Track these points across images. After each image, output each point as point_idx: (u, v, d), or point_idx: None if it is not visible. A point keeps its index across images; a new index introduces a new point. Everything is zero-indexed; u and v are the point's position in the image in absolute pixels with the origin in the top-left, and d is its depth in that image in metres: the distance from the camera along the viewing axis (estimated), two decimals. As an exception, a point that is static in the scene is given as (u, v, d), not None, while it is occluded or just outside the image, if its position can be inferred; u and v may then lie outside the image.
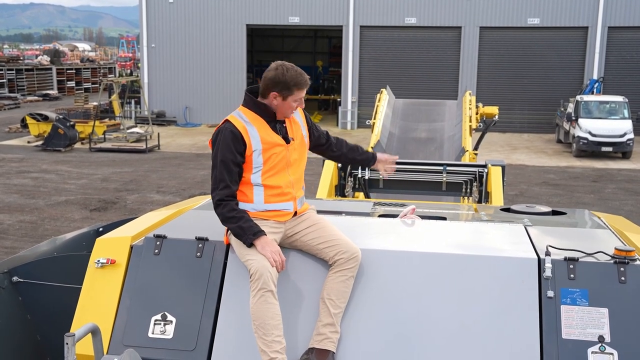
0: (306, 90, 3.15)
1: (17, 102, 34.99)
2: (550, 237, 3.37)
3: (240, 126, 3.07)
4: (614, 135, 19.23)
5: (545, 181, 15.76)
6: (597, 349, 2.76)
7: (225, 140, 3.04)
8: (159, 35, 27.28)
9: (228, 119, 3.12)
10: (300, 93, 3.11)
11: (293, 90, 3.08)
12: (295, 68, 3.12)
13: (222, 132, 3.07)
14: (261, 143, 3.08)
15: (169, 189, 14.05)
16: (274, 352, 2.81)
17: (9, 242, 9.66)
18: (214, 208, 3.10)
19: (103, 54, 75.17)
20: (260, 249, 2.97)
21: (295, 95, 3.10)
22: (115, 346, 2.99)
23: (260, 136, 3.08)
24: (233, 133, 3.04)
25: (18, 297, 3.65)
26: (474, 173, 6.23)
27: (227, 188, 3.05)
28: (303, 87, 3.11)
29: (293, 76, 3.08)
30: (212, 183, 3.09)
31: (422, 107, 10.77)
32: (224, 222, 3.08)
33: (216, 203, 3.06)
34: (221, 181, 3.05)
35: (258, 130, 3.09)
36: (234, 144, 3.03)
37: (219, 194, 3.05)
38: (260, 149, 3.07)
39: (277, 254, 2.97)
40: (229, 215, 3.04)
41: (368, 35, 26.20)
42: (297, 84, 3.08)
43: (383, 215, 4.00)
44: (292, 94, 3.09)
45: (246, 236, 2.99)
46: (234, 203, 3.07)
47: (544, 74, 25.34)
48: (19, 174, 15.60)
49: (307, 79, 3.13)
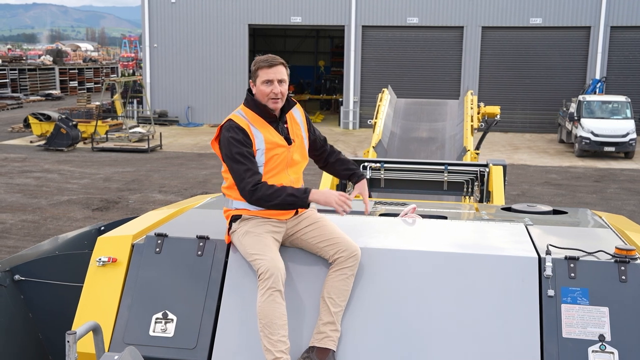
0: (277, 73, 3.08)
1: (20, 102, 35.05)
2: (551, 236, 3.37)
3: (244, 124, 3.08)
4: (617, 135, 19.19)
5: (547, 181, 15.74)
6: (597, 348, 2.76)
7: (236, 136, 3.04)
8: (161, 35, 27.31)
9: (231, 118, 3.12)
10: (264, 73, 3.08)
11: (257, 72, 3.10)
12: (266, 54, 3.16)
13: (230, 129, 3.06)
14: (264, 143, 3.08)
15: (171, 188, 14.07)
16: (279, 352, 2.81)
17: (11, 241, 9.68)
18: (251, 198, 3.01)
19: (105, 54, 75.30)
20: (325, 200, 3.00)
21: (261, 77, 3.09)
22: (116, 344, 3.00)
23: (264, 136, 3.09)
24: (240, 129, 3.05)
25: (20, 295, 3.66)
26: (476, 172, 6.23)
27: (255, 174, 3.02)
28: (264, 66, 3.09)
29: (257, 59, 3.13)
30: (237, 177, 3.03)
31: (423, 107, 10.77)
32: (269, 203, 3.00)
33: (251, 190, 2.98)
34: (247, 170, 3.01)
35: (261, 130, 3.10)
36: (244, 138, 3.04)
37: (250, 181, 2.99)
38: (263, 149, 3.07)
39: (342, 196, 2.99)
40: (270, 192, 2.99)
41: (370, 35, 26.19)
42: (257, 63, 3.11)
43: (384, 214, 4.01)
44: (258, 76, 3.10)
45: (300, 199, 3.00)
46: (266, 183, 3.02)
47: (547, 73, 25.30)
48: (22, 174, 15.63)
49: (268, 58, 3.11)
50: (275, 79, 3.09)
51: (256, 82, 3.12)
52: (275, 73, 3.09)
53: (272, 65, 3.09)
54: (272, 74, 3.09)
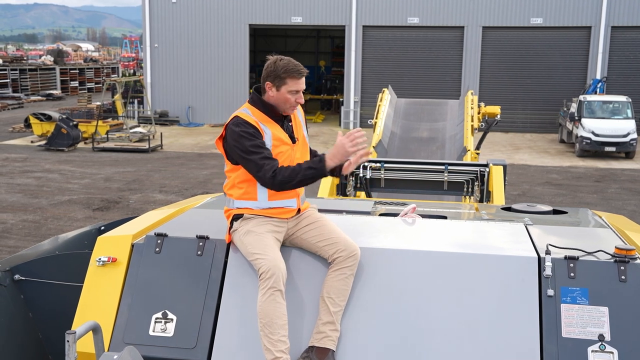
0: (303, 84, 3.09)
1: (21, 102, 35.07)
2: (551, 236, 3.37)
3: (252, 121, 3.07)
4: (617, 135, 19.18)
5: (548, 181, 15.73)
6: (597, 348, 2.76)
7: (247, 130, 3.02)
8: (161, 35, 27.32)
9: (238, 115, 3.10)
10: (294, 83, 3.05)
11: (285, 80, 3.04)
12: (290, 59, 3.09)
13: (240, 125, 3.04)
14: (272, 139, 3.08)
15: (172, 188, 14.07)
16: (279, 352, 2.82)
17: (12, 241, 9.69)
18: (273, 183, 2.99)
19: (106, 54, 75.31)
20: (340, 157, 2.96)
21: (289, 86, 3.05)
22: (116, 344, 3.00)
23: (272, 133, 3.09)
24: (249, 124, 3.04)
25: (20, 295, 3.67)
26: (476, 172, 6.23)
27: (272, 160, 3.00)
28: (295, 76, 3.05)
29: (285, 64, 3.05)
30: (255, 167, 3.00)
31: (424, 107, 10.77)
32: (292, 182, 2.99)
33: (271, 176, 2.97)
34: (263, 159, 2.99)
35: (269, 127, 3.09)
36: (254, 132, 3.03)
37: (268, 168, 2.98)
38: (271, 146, 3.08)
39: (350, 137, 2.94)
40: (289, 173, 2.98)
41: (370, 35, 26.19)
42: (287, 71, 3.04)
43: (384, 214, 4.01)
44: (285, 84, 3.05)
45: (319, 169, 2.98)
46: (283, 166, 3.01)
47: (547, 73, 25.29)
48: (23, 174, 15.64)
49: (300, 69, 3.07)
50: (302, 89, 3.10)
51: (280, 88, 3.06)
52: (303, 83, 3.09)
53: (302, 75, 3.08)
54: (301, 85, 3.08)
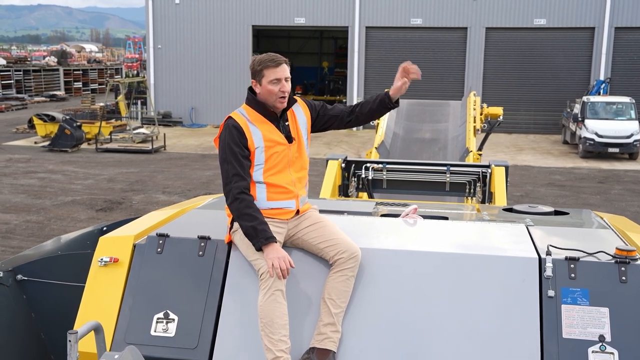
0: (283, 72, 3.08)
1: (25, 103, 35.16)
2: (552, 237, 3.36)
3: (242, 122, 3.10)
4: (621, 136, 19.15)
5: (551, 182, 15.71)
6: (597, 349, 2.76)
7: (230, 135, 3.07)
8: (165, 36, 27.36)
9: (230, 116, 3.16)
10: (271, 73, 3.07)
11: (262, 72, 3.09)
12: (267, 53, 3.14)
13: (226, 129, 3.10)
14: (263, 141, 3.10)
15: (175, 189, 14.09)
16: (279, 351, 2.82)
17: (15, 241, 9.72)
18: (230, 203, 3.05)
19: (110, 55, 75.36)
20: (266, 255, 2.94)
21: (267, 77, 3.08)
22: (117, 344, 3.01)
23: (263, 134, 3.10)
24: (236, 128, 3.08)
25: (22, 295, 3.68)
26: (478, 173, 6.23)
27: (242, 180, 3.04)
28: (270, 66, 3.08)
29: (260, 58, 3.12)
30: (225, 178, 3.06)
31: (426, 108, 10.76)
32: (239, 218, 3.03)
33: (234, 197, 3.01)
34: (235, 175, 3.03)
35: (260, 128, 3.11)
36: (238, 138, 3.06)
37: (235, 187, 3.02)
38: (263, 147, 3.09)
39: (283, 260, 2.92)
40: (245, 212, 3.00)
41: (374, 36, 26.19)
42: (262, 62, 3.09)
43: (385, 215, 4.01)
44: (264, 76, 3.09)
45: (258, 239, 2.96)
46: (251, 200, 3.03)
47: (551, 74, 25.24)
48: (26, 174, 15.68)
49: (274, 57, 3.10)
50: (283, 77, 3.10)
51: (262, 82, 3.11)
52: (283, 71, 3.10)
53: (278, 64, 3.09)
54: (280, 73, 3.09)
